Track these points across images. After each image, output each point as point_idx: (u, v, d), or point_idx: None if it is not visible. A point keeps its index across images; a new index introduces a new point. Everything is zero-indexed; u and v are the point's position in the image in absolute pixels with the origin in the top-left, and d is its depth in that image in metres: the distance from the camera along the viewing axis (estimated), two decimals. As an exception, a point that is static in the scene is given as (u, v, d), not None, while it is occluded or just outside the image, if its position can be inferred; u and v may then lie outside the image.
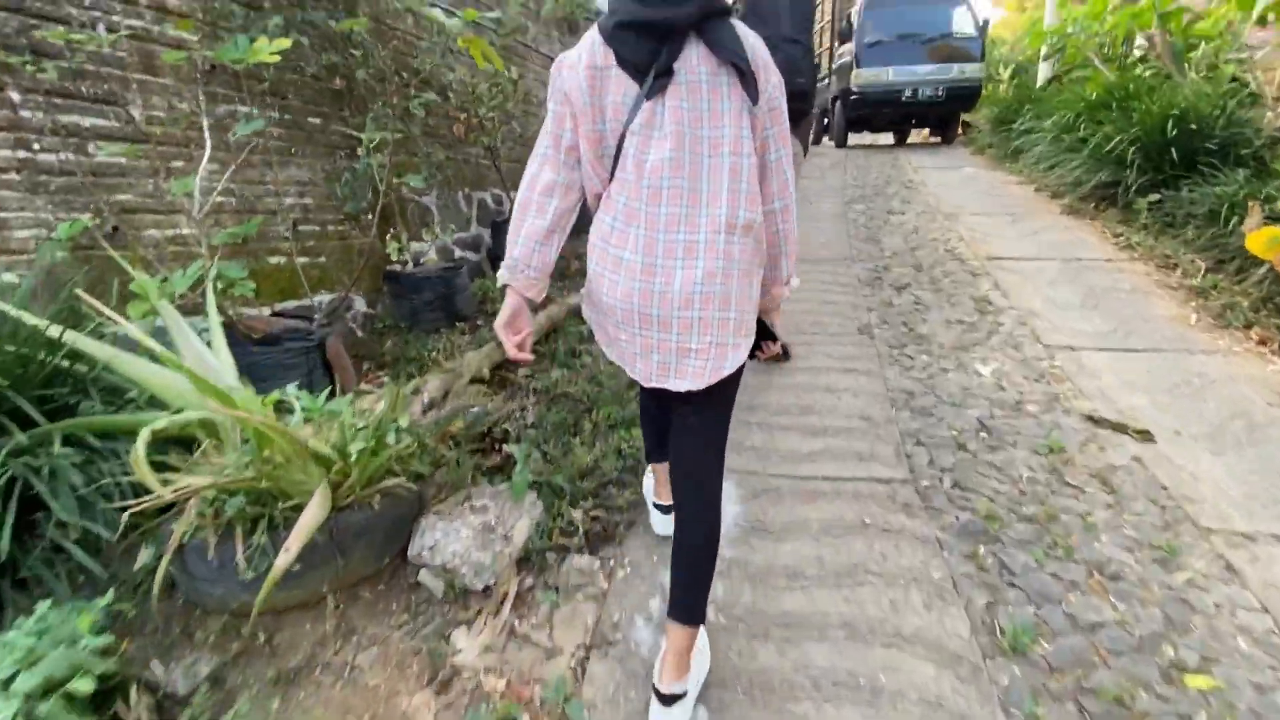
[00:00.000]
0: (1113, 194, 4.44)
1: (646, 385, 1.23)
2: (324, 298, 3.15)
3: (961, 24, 7.84)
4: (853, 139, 9.54)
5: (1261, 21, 4.73)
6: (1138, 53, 6.96)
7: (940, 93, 7.73)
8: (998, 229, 4.60)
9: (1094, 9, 7.39)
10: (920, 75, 7.73)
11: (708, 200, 1.11)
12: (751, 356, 1.27)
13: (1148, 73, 6.04)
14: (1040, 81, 8.08)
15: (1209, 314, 3.14)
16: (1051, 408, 2.44)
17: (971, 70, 7.66)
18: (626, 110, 1.11)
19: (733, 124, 1.11)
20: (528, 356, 1.27)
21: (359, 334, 3.40)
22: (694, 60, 1.10)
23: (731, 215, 1.11)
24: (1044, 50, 8.66)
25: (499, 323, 1.25)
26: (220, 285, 2.12)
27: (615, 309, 1.18)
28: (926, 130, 9.45)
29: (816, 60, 9.84)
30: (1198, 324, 3.05)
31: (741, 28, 1.14)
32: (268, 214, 2.84)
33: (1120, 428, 2.27)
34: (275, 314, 2.71)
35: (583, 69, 1.11)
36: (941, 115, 8.44)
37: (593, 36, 1.13)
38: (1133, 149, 4.19)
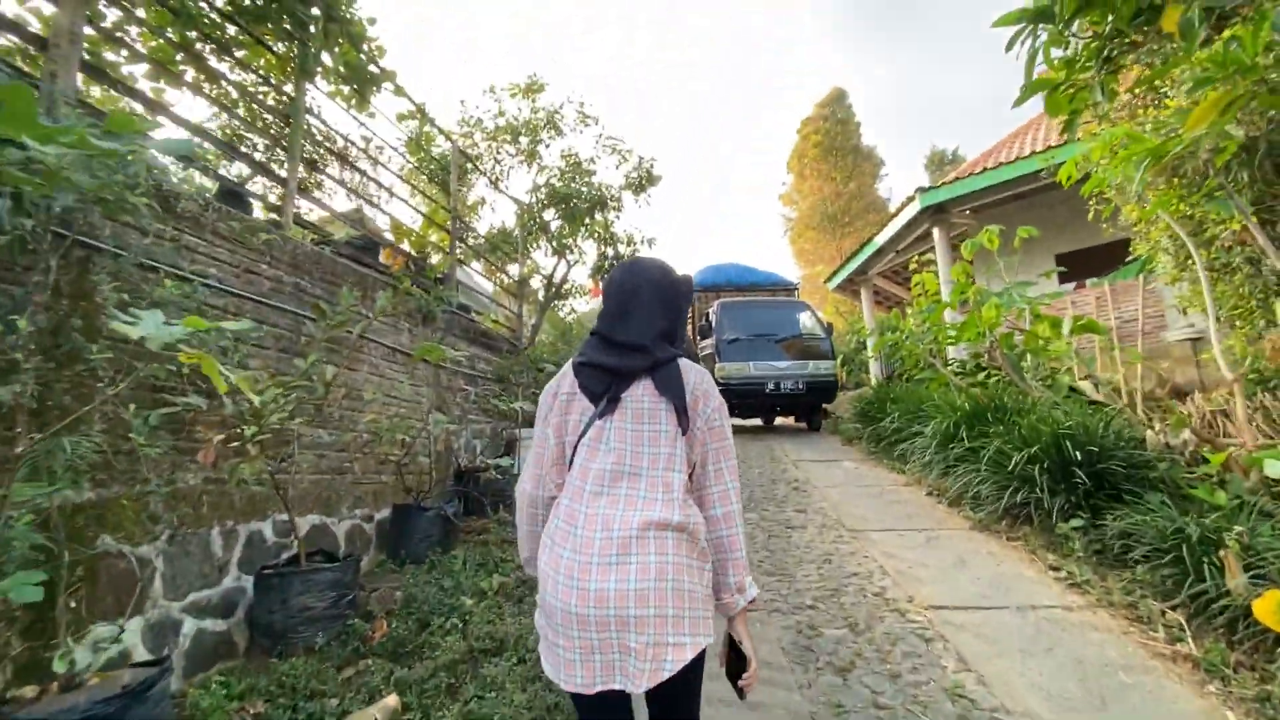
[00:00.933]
0: (1026, 512, 4.01)
1: (590, 692, 1.23)
2: None
3: (809, 326, 8.57)
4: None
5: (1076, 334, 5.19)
6: (969, 359, 7.72)
7: (800, 386, 8.04)
8: (918, 555, 3.90)
9: (909, 324, 8.37)
10: (780, 370, 8.05)
11: (642, 506, 1.27)
12: (733, 683, 1.36)
13: (991, 378, 6.46)
14: (874, 379, 8.78)
15: (1242, 709, 2.35)
16: None
17: (825, 367, 8.13)
18: (582, 426, 1.36)
19: (667, 445, 1.33)
20: None
21: None
22: (639, 391, 1.36)
23: (664, 518, 1.26)
24: (876, 353, 9.63)
25: None
26: None
27: (556, 610, 1.24)
28: (793, 417, 9.72)
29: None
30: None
31: (686, 366, 1.41)
32: None
33: None
34: None
35: (562, 393, 1.41)
36: (805, 405, 8.70)
37: (567, 370, 1.45)
38: (1035, 467, 3.87)
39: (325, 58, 4.34)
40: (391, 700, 2.44)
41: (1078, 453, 3.71)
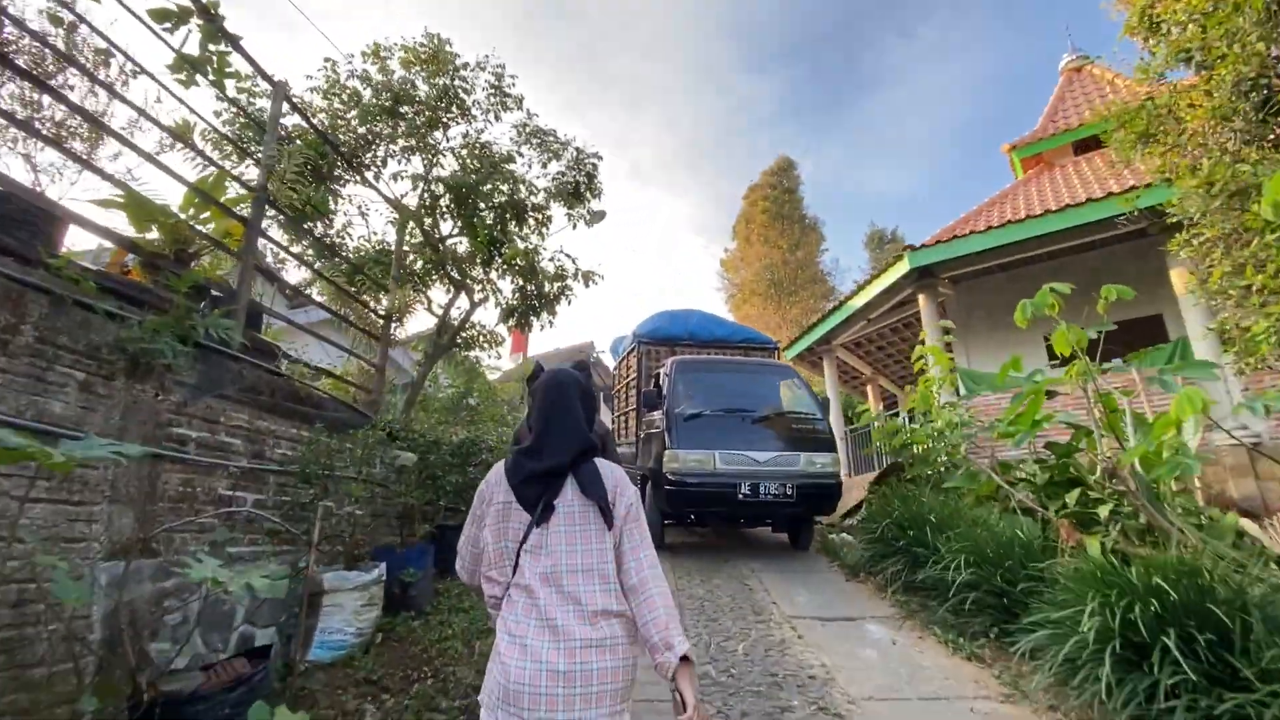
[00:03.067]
0: None
1: None
2: None
3: (797, 399, 6.31)
4: (676, 534, 7.04)
5: None
6: (1024, 461, 5.64)
7: (789, 491, 5.55)
8: None
9: (940, 412, 6.31)
10: (759, 465, 5.62)
11: (585, 598, 1.49)
12: None
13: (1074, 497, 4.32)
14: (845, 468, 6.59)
15: None
16: None
17: (824, 463, 5.79)
18: (521, 533, 1.57)
19: (597, 541, 1.56)
20: None
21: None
22: (569, 496, 1.59)
23: (603, 607, 1.49)
24: (882, 441, 7.50)
25: None
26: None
27: (522, 693, 1.40)
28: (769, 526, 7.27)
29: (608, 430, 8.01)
30: None
31: (602, 466, 1.66)
32: None
33: None
34: None
35: (498, 502, 1.62)
36: (793, 517, 6.24)
37: (499, 475, 1.66)
38: None
39: None
40: None
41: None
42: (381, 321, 5.35)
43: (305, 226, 5.36)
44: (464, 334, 7.43)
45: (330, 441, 3.86)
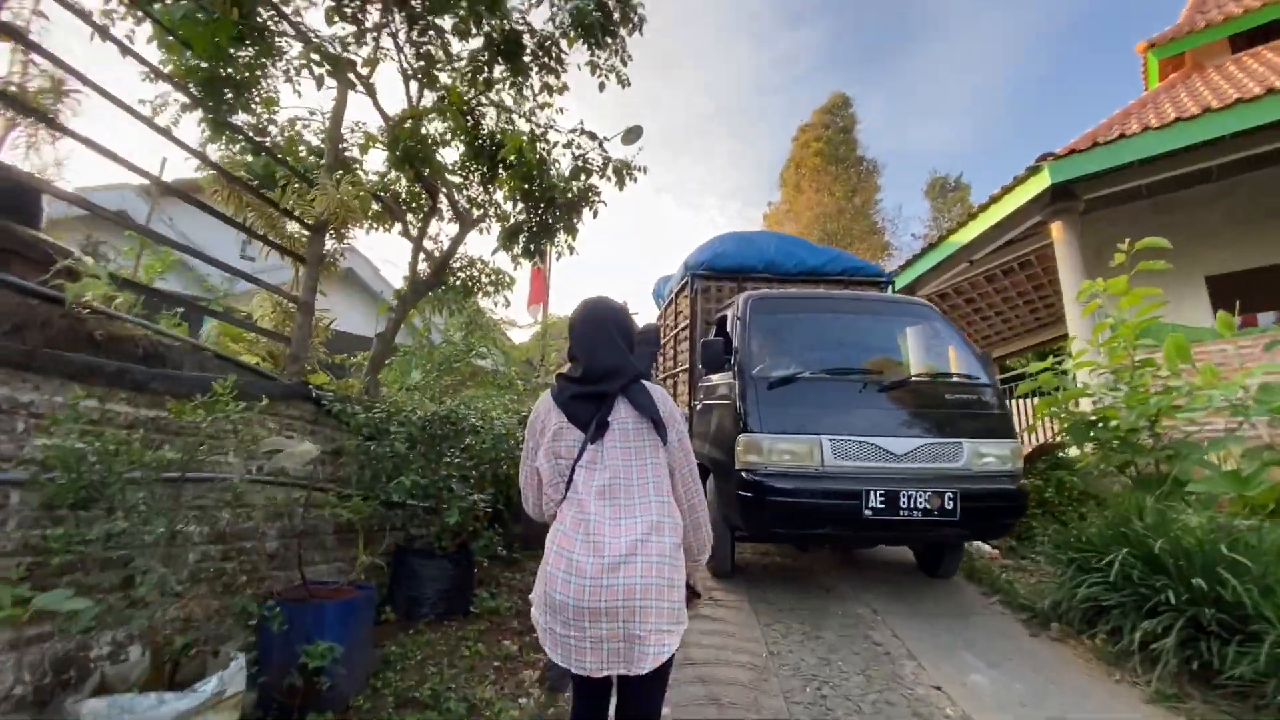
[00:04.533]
0: None
1: (599, 675, 1.47)
2: None
3: (946, 354, 4.19)
4: (747, 547, 5.06)
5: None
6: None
7: (949, 502, 3.41)
8: None
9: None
10: (898, 460, 3.55)
11: (639, 511, 1.52)
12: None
13: None
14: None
15: None
16: None
17: (1002, 455, 3.64)
18: (575, 451, 1.59)
19: (652, 458, 1.60)
20: None
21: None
22: (623, 414, 1.61)
23: (659, 519, 1.53)
24: (1045, 417, 5.36)
25: None
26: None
27: (567, 606, 1.45)
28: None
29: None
30: None
31: (653, 388, 1.68)
32: None
33: None
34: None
35: (550, 428, 1.63)
36: (944, 538, 4.00)
37: (548, 403, 1.67)
38: None
39: None
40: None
41: None
42: (309, 234, 3.47)
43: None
44: (460, 273, 5.55)
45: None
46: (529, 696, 2.76)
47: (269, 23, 3.78)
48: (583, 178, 4.37)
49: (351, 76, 3.91)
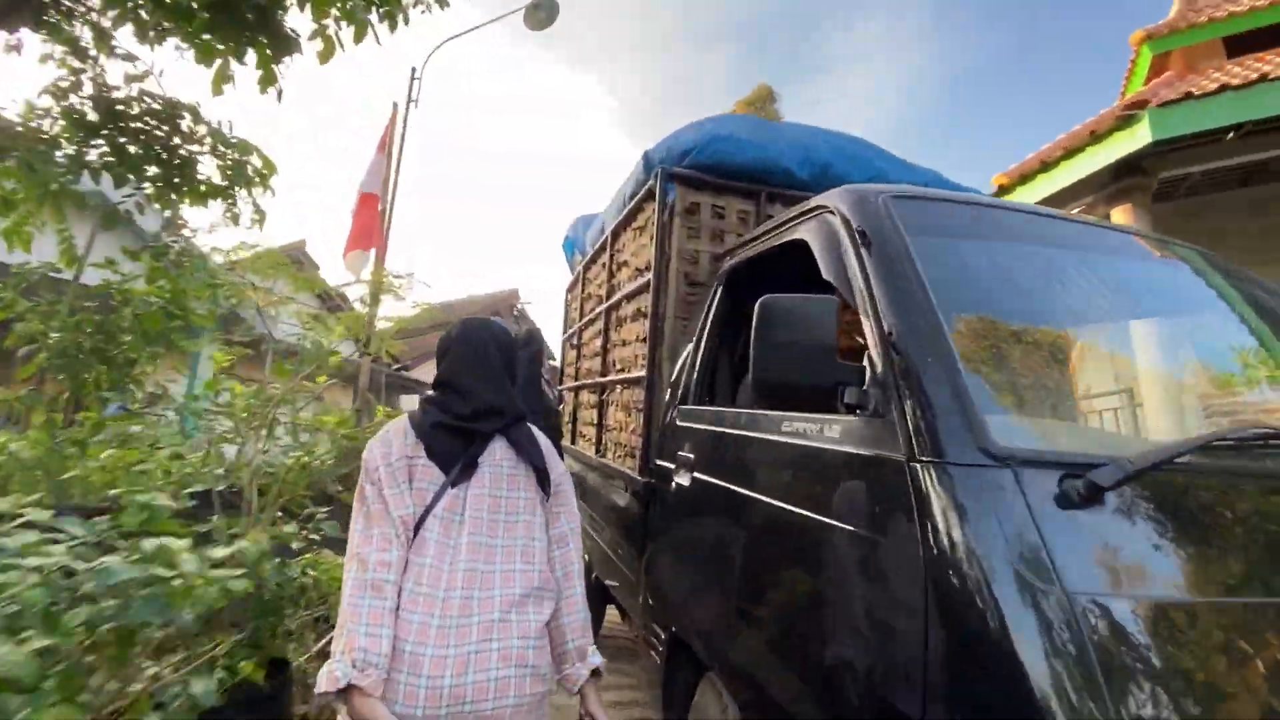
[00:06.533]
0: None
1: None
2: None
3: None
4: None
5: None
6: None
7: None
8: None
9: None
10: None
11: (500, 581, 1.17)
12: None
13: None
14: None
15: None
16: None
17: None
18: (430, 496, 1.19)
19: (527, 513, 1.26)
20: None
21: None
22: (498, 455, 1.27)
23: (525, 593, 1.19)
24: None
25: None
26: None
27: (411, 716, 1.07)
28: None
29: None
30: None
31: (535, 431, 1.36)
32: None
33: None
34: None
35: (399, 459, 1.20)
36: None
37: (403, 427, 1.25)
38: None
39: None
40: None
41: None
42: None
43: None
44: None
45: None
46: None
47: None
48: None
49: None
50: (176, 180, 2.72)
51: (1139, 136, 4.83)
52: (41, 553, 1.29)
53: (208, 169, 2.83)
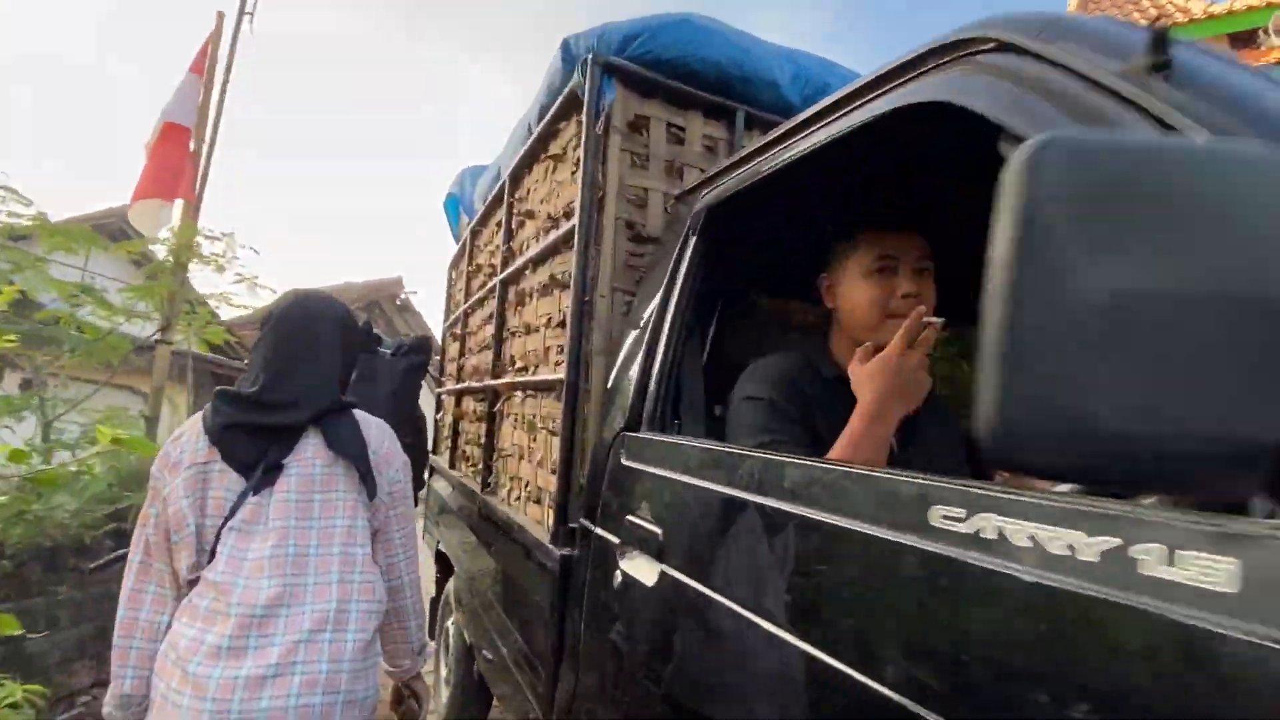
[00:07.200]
0: None
1: None
2: None
3: None
4: None
5: None
6: None
7: None
8: None
9: None
10: None
11: (312, 595, 1.00)
12: None
13: None
14: None
15: None
16: None
17: None
18: (228, 506, 1.02)
19: (346, 515, 1.07)
20: None
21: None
22: (308, 453, 1.07)
23: (342, 605, 1.02)
24: None
25: None
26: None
27: None
28: None
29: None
30: None
31: (364, 418, 1.14)
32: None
33: None
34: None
35: (190, 465, 1.03)
36: None
37: (196, 429, 1.06)
38: None
39: None
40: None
41: None
42: None
43: None
44: None
45: None
46: None
47: None
48: None
49: None
50: None
51: None
52: None
53: None
